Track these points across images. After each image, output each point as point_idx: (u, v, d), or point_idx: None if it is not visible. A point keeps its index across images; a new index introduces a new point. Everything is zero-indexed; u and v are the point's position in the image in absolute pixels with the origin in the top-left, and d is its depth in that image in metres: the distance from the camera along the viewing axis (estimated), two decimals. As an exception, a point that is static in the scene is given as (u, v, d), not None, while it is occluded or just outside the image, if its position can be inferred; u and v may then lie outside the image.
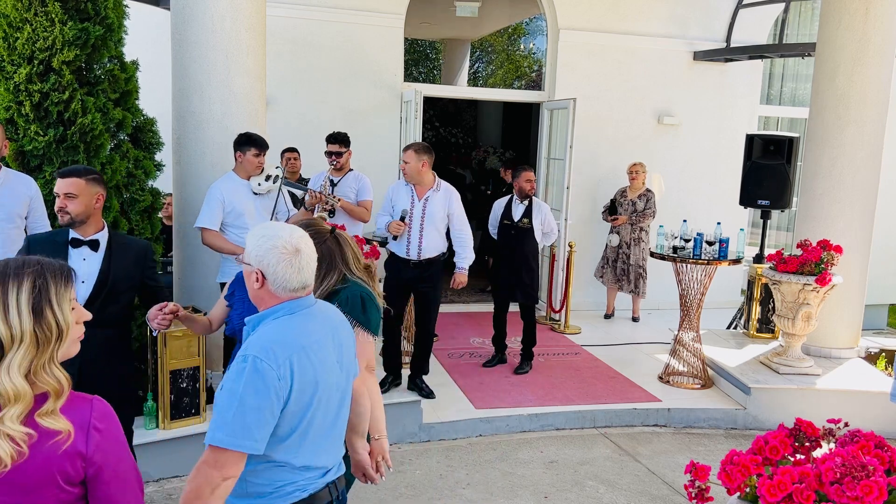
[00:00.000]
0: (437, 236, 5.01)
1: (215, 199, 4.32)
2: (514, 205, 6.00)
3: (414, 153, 4.89)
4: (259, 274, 1.97)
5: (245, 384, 1.80)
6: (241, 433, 1.78)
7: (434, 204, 4.95)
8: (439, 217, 4.97)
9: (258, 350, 1.85)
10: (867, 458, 2.25)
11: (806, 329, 5.48)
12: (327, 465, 2.07)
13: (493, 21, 10.78)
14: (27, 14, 3.95)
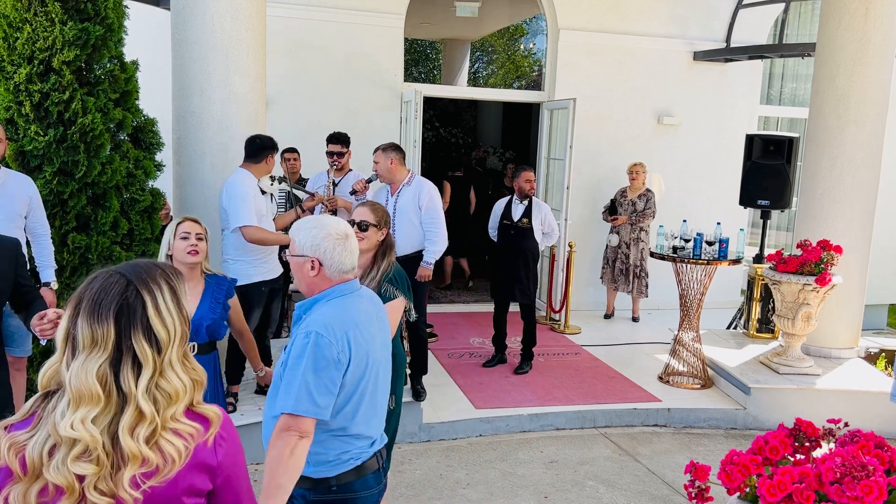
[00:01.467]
0: (413, 231, 4.99)
1: (248, 195, 4.34)
2: (513, 205, 6.00)
3: (382, 152, 4.92)
4: (316, 261, 2.17)
5: (309, 357, 2.03)
6: (310, 401, 2.02)
7: (404, 198, 4.96)
8: (411, 210, 4.96)
9: (319, 327, 2.07)
10: (867, 458, 2.25)
11: (806, 329, 5.48)
12: (375, 434, 2.29)
13: (493, 21, 10.78)
14: (27, 14, 3.95)
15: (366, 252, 3.10)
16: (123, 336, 1.35)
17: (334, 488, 2.17)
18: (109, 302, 1.35)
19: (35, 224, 3.85)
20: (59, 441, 1.30)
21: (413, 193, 4.97)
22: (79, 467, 1.30)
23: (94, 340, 1.33)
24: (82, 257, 4.14)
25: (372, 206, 3.20)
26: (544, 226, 6.00)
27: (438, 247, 5.03)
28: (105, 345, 1.34)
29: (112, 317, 1.35)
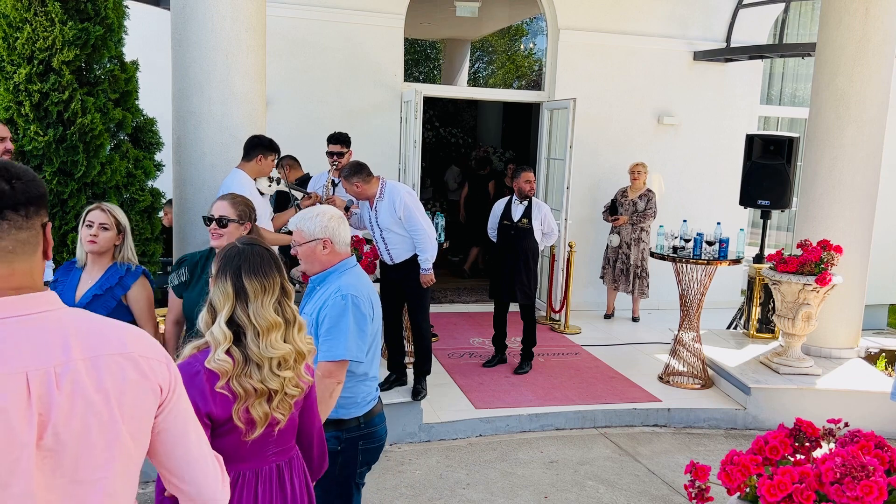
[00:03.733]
0: (402, 239, 4.94)
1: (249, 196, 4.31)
2: (513, 205, 5.99)
3: (345, 181, 4.81)
4: (328, 241, 2.61)
5: (349, 315, 2.52)
6: (352, 348, 2.51)
7: (382, 213, 4.89)
8: (392, 222, 4.88)
9: (353, 290, 2.56)
10: (867, 458, 2.25)
11: (806, 329, 5.48)
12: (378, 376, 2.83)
13: (493, 21, 10.78)
14: (27, 14, 3.95)
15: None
16: (282, 279, 1.94)
17: (362, 425, 2.66)
18: (265, 261, 1.92)
19: None
20: (261, 361, 1.85)
21: (388, 205, 4.86)
22: (275, 379, 1.87)
23: (265, 288, 1.89)
24: (82, 257, 4.14)
25: (232, 199, 3.17)
26: (544, 226, 6.00)
27: (428, 253, 4.95)
28: (273, 289, 1.91)
29: (273, 269, 1.92)
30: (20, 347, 1.16)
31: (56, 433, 1.17)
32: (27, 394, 1.14)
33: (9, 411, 1.13)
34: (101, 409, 1.21)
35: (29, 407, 1.14)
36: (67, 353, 1.19)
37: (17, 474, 1.14)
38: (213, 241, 3.13)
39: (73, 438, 1.18)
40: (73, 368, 1.19)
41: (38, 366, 1.16)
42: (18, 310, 1.18)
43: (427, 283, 5.01)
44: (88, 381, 1.20)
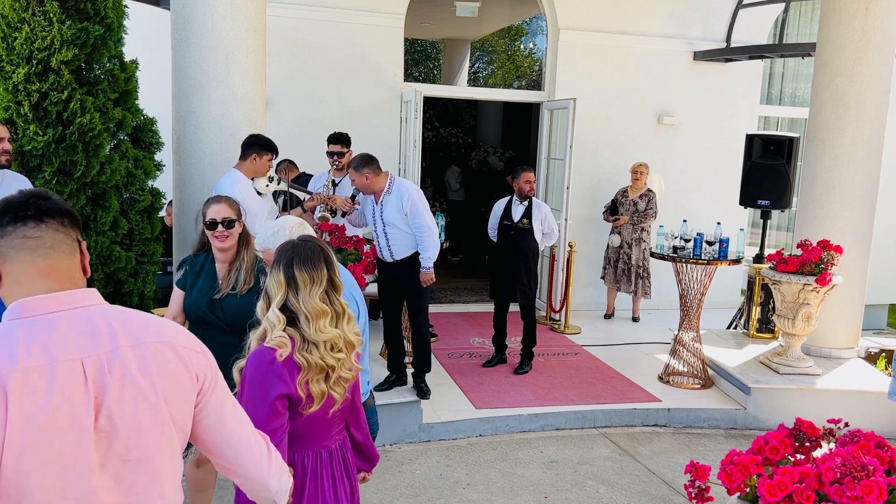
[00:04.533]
0: (405, 236, 4.93)
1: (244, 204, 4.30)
2: (513, 205, 5.98)
3: (354, 171, 4.81)
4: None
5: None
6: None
7: (388, 208, 4.88)
8: (397, 218, 4.88)
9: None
10: (867, 458, 2.25)
11: (806, 329, 5.47)
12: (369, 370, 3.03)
13: (493, 21, 10.78)
14: (25, 14, 3.95)
15: (230, 249, 3.19)
16: (330, 272, 2.13)
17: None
18: (315, 255, 2.11)
19: None
20: (316, 342, 2.06)
21: (396, 201, 4.86)
22: (332, 357, 2.08)
23: (313, 279, 2.08)
24: (82, 257, 4.14)
25: (227, 200, 3.21)
26: (544, 226, 5.99)
27: (431, 251, 4.95)
28: (321, 281, 2.10)
29: (322, 263, 2.12)
30: (75, 337, 1.29)
31: (109, 415, 1.29)
32: (84, 379, 1.26)
33: (71, 395, 1.24)
34: (147, 392, 1.33)
35: (86, 391, 1.26)
36: (115, 342, 1.32)
37: (78, 454, 1.25)
38: (221, 244, 3.13)
39: (124, 420, 1.30)
40: (121, 355, 1.32)
41: (92, 353, 1.29)
42: (69, 304, 1.32)
43: (427, 282, 5.00)
44: (135, 367, 1.33)
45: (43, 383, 1.23)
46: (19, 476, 1.21)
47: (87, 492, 1.27)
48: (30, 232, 1.34)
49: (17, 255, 1.33)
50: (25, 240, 1.34)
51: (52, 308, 1.31)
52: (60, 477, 1.24)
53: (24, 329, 1.27)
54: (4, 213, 1.35)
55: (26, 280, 1.33)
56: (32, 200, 1.37)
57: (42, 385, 1.23)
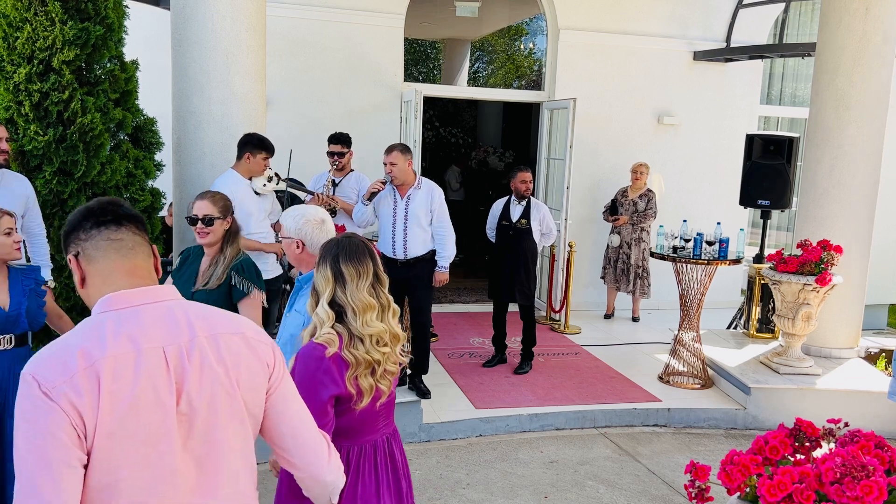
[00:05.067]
0: (423, 234, 4.96)
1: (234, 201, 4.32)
2: (512, 205, 5.97)
3: (400, 153, 4.83)
4: (300, 242, 2.71)
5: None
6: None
7: (416, 202, 4.91)
8: (422, 214, 4.92)
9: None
10: (867, 458, 2.25)
11: (806, 329, 5.48)
12: None
13: (493, 21, 10.78)
14: (27, 14, 3.95)
15: (214, 244, 3.26)
16: (375, 266, 2.17)
17: None
18: (360, 250, 2.17)
19: (32, 223, 3.86)
20: (362, 336, 2.08)
21: (425, 197, 4.92)
22: (377, 351, 2.11)
23: (359, 273, 2.13)
24: (82, 257, 4.14)
25: (212, 197, 3.29)
26: (542, 226, 5.98)
27: (450, 251, 5.02)
28: (367, 275, 2.14)
29: (367, 257, 2.16)
30: (157, 328, 1.42)
31: (189, 399, 1.40)
32: (166, 365, 1.39)
33: (155, 379, 1.36)
34: (223, 379, 1.45)
35: (168, 376, 1.38)
36: (193, 332, 1.45)
37: (163, 435, 1.36)
38: (201, 240, 3.23)
39: (203, 404, 1.42)
40: (199, 344, 1.44)
41: (172, 342, 1.41)
42: (152, 298, 1.46)
43: (442, 282, 5.04)
44: (211, 355, 1.45)
45: (130, 369, 1.34)
46: (110, 454, 1.31)
47: (171, 470, 1.37)
48: (112, 235, 1.49)
49: (102, 255, 1.48)
50: (110, 242, 1.49)
51: (137, 302, 1.44)
52: (146, 455, 1.34)
53: (113, 321, 1.40)
54: (86, 218, 1.49)
55: (112, 278, 1.47)
56: (110, 207, 1.51)
57: (129, 370, 1.34)
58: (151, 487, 1.35)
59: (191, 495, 1.41)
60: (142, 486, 1.34)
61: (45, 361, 1.32)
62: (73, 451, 1.28)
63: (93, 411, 1.29)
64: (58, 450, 1.26)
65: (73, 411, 1.28)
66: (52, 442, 1.26)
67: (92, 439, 1.30)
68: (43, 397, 1.28)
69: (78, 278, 1.49)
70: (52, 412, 1.27)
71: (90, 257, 1.48)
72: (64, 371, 1.30)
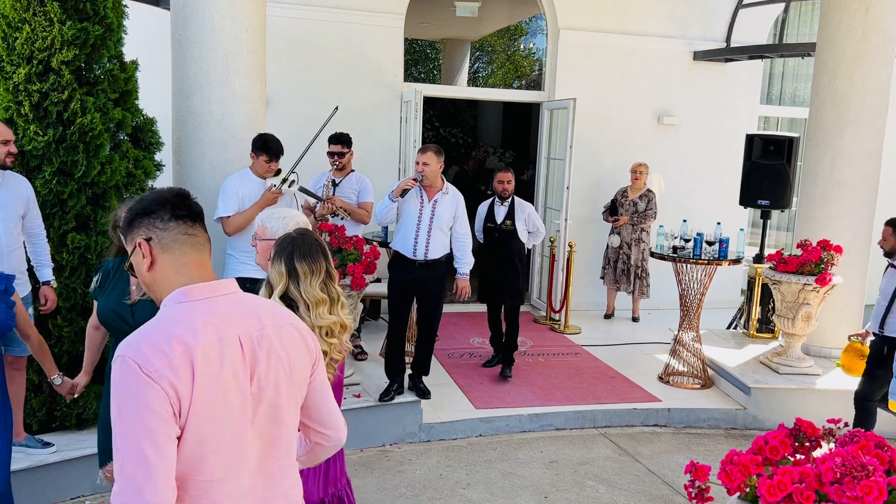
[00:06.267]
0: (444, 237, 4.97)
1: (231, 191, 4.42)
2: (496, 207, 5.91)
3: (434, 155, 4.85)
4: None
5: None
6: None
7: (443, 206, 4.91)
8: (446, 219, 4.94)
9: None
10: (867, 458, 2.25)
11: (806, 329, 5.48)
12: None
13: (493, 21, 10.78)
14: (26, 14, 3.95)
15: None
16: (328, 264, 2.25)
17: None
18: (314, 249, 2.24)
19: (32, 224, 3.86)
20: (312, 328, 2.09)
21: (452, 203, 4.95)
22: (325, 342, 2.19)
23: (313, 270, 2.21)
24: (81, 257, 4.13)
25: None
26: (528, 225, 5.90)
27: (470, 258, 5.08)
28: (320, 272, 2.22)
29: (321, 255, 2.24)
30: (232, 318, 1.58)
31: (259, 381, 1.57)
32: (241, 352, 1.55)
33: (235, 365, 1.53)
34: (284, 363, 1.63)
35: (244, 361, 1.55)
36: (261, 322, 1.62)
37: (240, 414, 1.54)
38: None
39: (269, 385, 1.60)
40: (266, 334, 1.62)
41: (245, 331, 1.58)
42: (222, 291, 1.61)
43: (464, 290, 5.04)
44: (277, 343, 1.63)
45: (216, 355, 1.50)
46: (199, 430, 1.47)
47: (244, 445, 1.56)
48: (189, 230, 1.63)
49: (180, 248, 1.61)
50: (187, 236, 1.62)
51: (210, 294, 1.58)
52: (227, 432, 1.52)
53: (197, 311, 1.55)
54: (161, 206, 1.61)
55: (186, 270, 1.61)
56: (185, 201, 1.65)
57: (216, 357, 1.50)
58: (229, 460, 1.53)
59: (257, 465, 1.61)
60: (222, 458, 1.52)
61: (143, 346, 1.45)
62: (171, 426, 1.44)
63: (188, 392, 1.45)
64: (159, 423, 1.42)
65: (172, 391, 1.43)
66: (154, 416, 1.42)
67: (186, 417, 1.46)
68: (145, 378, 1.42)
69: (147, 262, 1.60)
70: (154, 391, 1.42)
71: (166, 247, 1.60)
72: (162, 355, 1.44)
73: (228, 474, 1.54)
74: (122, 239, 1.70)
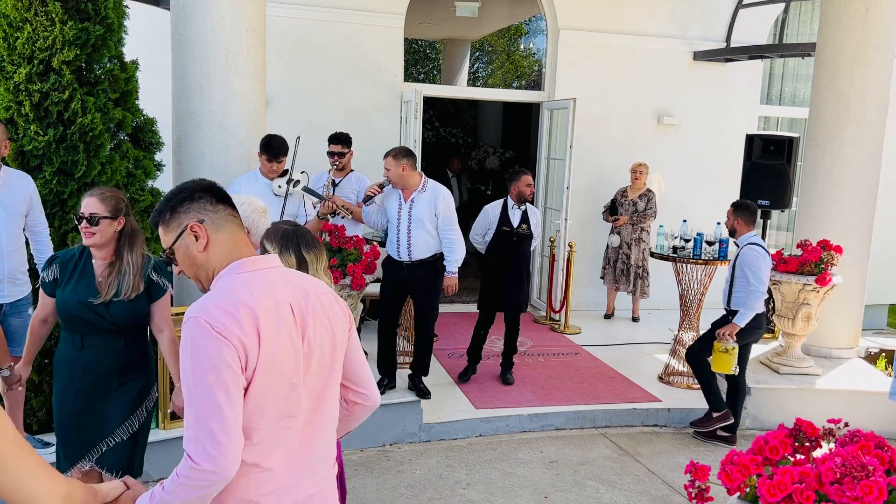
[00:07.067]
0: (428, 237, 4.90)
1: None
2: (510, 210, 5.61)
3: (392, 159, 4.79)
4: (247, 230, 2.71)
5: None
6: None
7: (419, 206, 4.85)
8: (427, 218, 4.85)
9: None
10: (867, 458, 2.25)
11: (806, 329, 5.48)
12: None
13: (493, 21, 10.78)
14: (27, 14, 3.95)
15: (103, 246, 2.94)
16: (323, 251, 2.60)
17: None
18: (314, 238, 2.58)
19: (35, 222, 3.86)
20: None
21: (429, 200, 4.85)
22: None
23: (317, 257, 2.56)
24: (82, 257, 4.13)
25: (101, 194, 2.93)
26: (537, 230, 5.79)
27: (458, 255, 4.92)
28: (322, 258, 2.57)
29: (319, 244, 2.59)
30: (282, 287, 1.77)
31: (309, 342, 1.77)
32: (293, 315, 1.74)
33: (289, 326, 1.72)
34: (328, 326, 1.82)
35: (296, 324, 1.74)
36: (305, 291, 1.81)
37: (295, 370, 1.73)
38: (87, 240, 2.92)
39: (317, 345, 1.79)
40: (311, 300, 1.81)
41: (294, 298, 1.77)
42: (270, 264, 1.82)
43: (450, 286, 4.95)
44: (320, 309, 1.82)
45: (274, 318, 1.69)
46: (262, 383, 1.65)
47: (297, 399, 1.73)
48: (232, 212, 1.85)
49: (231, 227, 1.82)
50: (232, 218, 1.84)
51: (262, 266, 1.78)
52: (283, 387, 1.70)
53: (252, 280, 1.73)
54: (204, 192, 1.82)
55: (237, 247, 1.81)
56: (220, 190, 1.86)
57: (274, 319, 1.69)
58: (285, 410, 1.71)
59: (306, 418, 1.78)
60: (279, 407, 1.70)
61: (213, 308, 1.64)
62: (240, 378, 1.62)
63: (255, 347, 1.63)
64: (230, 376, 1.60)
65: (241, 347, 1.62)
66: (226, 369, 1.60)
67: (252, 371, 1.64)
68: (217, 335, 1.60)
69: (203, 242, 1.78)
70: (226, 346, 1.60)
71: (219, 226, 1.80)
72: (231, 316, 1.63)
73: (282, 424, 1.71)
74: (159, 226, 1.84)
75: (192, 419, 1.58)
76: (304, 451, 1.79)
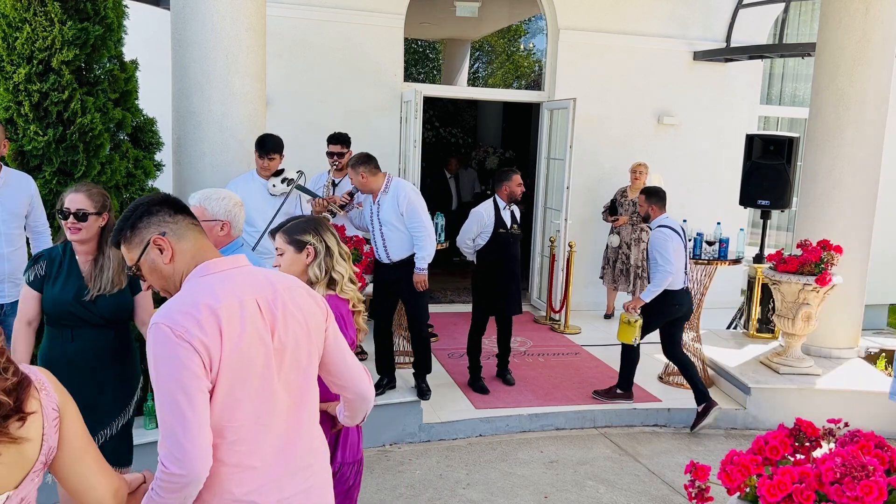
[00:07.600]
0: (402, 237, 4.87)
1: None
2: (502, 211, 5.47)
3: (350, 169, 4.81)
4: (227, 224, 2.92)
5: None
6: None
7: (384, 207, 4.83)
8: (394, 218, 4.83)
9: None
10: (867, 458, 2.25)
11: (806, 329, 5.48)
12: None
13: (493, 21, 10.78)
14: (26, 14, 3.94)
15: (87, 242, 2.96)
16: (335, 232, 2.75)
17: None
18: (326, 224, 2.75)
19: (36, 222, 3.86)
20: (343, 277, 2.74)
21: (392, 200, 4.81)
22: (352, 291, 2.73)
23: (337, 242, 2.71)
24: (82, 257, 4.13)
25: (87, 190, 2.98)
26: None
27: (427, 251, 4.85)
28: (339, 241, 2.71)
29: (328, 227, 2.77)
30: (247, 284, 1.79)
31: (279, 338, 1.78)
32: (259, 311, 1.76)
33: (256, 323, 1.73)
34: (300, 321, 1.83)
35: (263, 319, 1.75)
36: (273, 287, 1.83)
37: (266, 365, 1.74)
38: (73, 236, 2.94)
39: (289, 341, 1.80)
40: (280, 295, 1.82)
41: (262, 294, 1.79)
42: (235, 265, 1.84)
43: (419, 283, 4.89)
44: (290, 303, 1.83)
45: (237, 315, 1.71)
46: (230, 380, 1.68)
47: (271, 393, 1.75)
48: (192, 221, 1.86)
49: (191, 236, 1.83)
50: (193, 226, 1.85)
51: (227, 267, 1.81)
52: (254, 382, 1.72)
53: (216, 281, 1.76)
54: (161, 205, 1.83)
55: (201, 254, 1.82)
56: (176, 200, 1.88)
57: (237, 316, 1.70)
58: (259, 406, 1.73)
59: (286, 413, 1.80)
60: (251, 406, 1.72)
61: (174, 313, 1.66)
62: (203, 381, 1.63)
63: (217, 347, 1.65)
64: (192, 379, 1.62)
65: (203, 348, 1.63)
66: (187, 374, 1.61)
67: (217, 370, 1.66)
68: (178, 340, 1.62)
69: (168, 254, 1.79)
70: (186, 351, 1.62)
71: (181, 236, 1.81)
72: (191, 318, 1.64)
73: (259, 421, 1.73)
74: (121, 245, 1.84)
75: (160, 424, 1.63)
76: (289, 448, 1.80)
